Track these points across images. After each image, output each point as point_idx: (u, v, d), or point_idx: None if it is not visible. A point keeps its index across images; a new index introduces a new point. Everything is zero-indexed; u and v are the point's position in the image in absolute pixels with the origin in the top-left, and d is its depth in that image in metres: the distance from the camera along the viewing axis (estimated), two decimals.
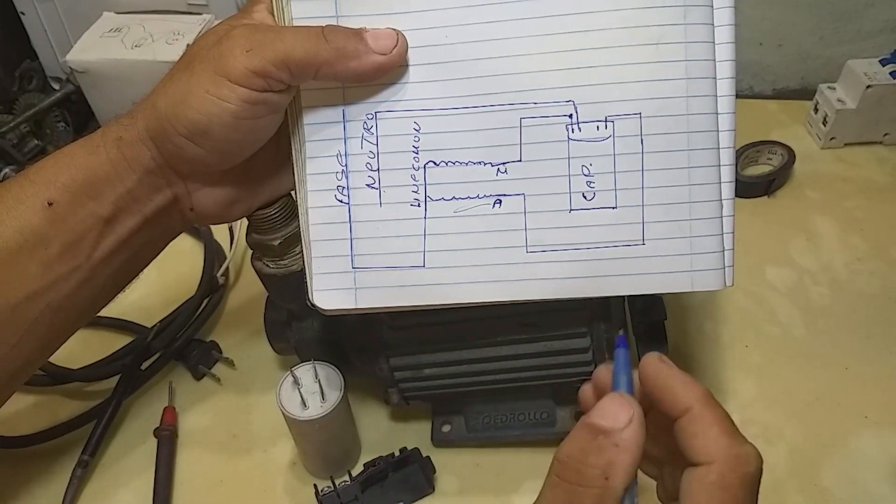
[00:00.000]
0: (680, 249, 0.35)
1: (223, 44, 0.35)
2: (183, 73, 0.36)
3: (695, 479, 0.28)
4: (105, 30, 0.70)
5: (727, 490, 0.27)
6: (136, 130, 0.37)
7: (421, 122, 0.36)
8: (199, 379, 0.56)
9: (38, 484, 0.50)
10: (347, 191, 0.37)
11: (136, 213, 0.38)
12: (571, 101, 0.35)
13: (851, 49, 0.76)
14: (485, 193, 0.36)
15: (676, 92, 0.34)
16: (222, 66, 0.34)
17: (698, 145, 0.35)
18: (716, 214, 0.35)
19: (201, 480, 0.50)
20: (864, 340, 0.55)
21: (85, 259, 0.38)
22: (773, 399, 0.52)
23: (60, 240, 0.37)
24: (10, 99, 0.74)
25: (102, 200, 0.37)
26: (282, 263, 0.43)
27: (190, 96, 0.35)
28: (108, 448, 0.52)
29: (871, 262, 0.61)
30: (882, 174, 0.68)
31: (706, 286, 0.36)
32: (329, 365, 0.46)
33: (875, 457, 0.49)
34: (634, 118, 0.35)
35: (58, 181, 0.37)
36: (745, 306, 0.58)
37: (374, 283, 0.37)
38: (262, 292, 0.47)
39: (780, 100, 0.78)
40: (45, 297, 0.37)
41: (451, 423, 0.50)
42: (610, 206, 0.35)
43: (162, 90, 0.36)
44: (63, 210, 0.36)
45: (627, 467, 0.27)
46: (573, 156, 0.35)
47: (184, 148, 0.36)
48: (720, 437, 0.28)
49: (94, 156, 0.37)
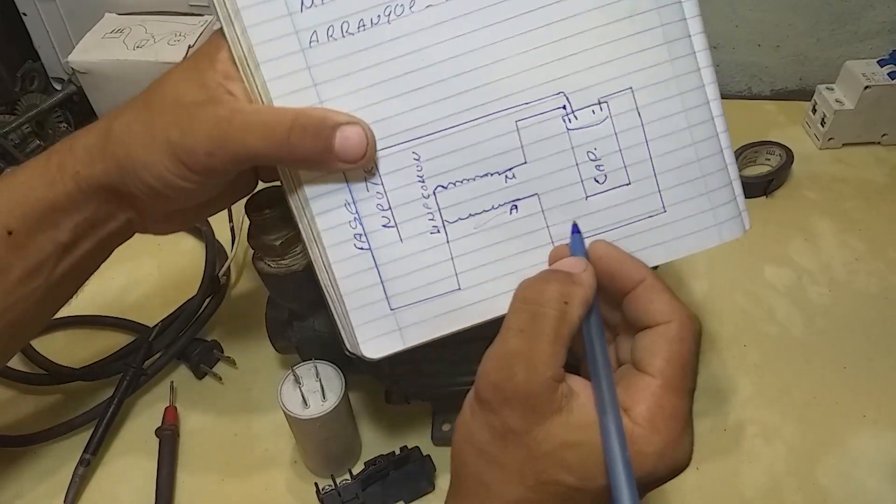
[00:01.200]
0: (701, 207, 0.36)
1: (186, 138, 0.34)
2: (141, 128, 0.36)
3: (657, 335, 0.31)
4: (107, 31, 0.70)
5: (684, 343, 0.31)
6: (95, 170, 0.37)
7: (419, 151, 0.36)
8: (200, 378, 0.56)
9: (41, 483, 0.50)
10: (365, 237, 0.36)
11: (93, 237, 0.40)
12: (561, 92, 0.35)
13: (849, 50, 0.76)
14: (499, 203, 0.36)
15: (660, 58, 0.35)
16: (184, 156, 0.35)
17: (692, 104, 0.35)
18: (723, 165, 0.36)
19: (203, 479, 0.50)
20: (862, 340, 0.56)
21: (43, 281, 0.39)
22: (771, 398, 0.52)
23: (20, 266, 0.38)
24: (13, 99, 0.74)
25: (61, 228, 0.38)
26: (283, 263, 0.43)
27: (151, 166, 0.35)
28: (110, 447, 0.52)
29: (870, 263, 0.61)
30: (880, 174, 0.69)
31: (732, 235, 0.37)
32: (330, 364, 0.46)
33: (873, 456, 0.49)
34: (626, 93, 0.35)
35: (16, 211, 0.38)
36: (743, 306, 0.59)
37: (416, 318, 0.37)
38: (264, 292, 0.47)
39: (778, 101, 0.78)
40: (4, 317, 0.39)
41: (452, 422, 0.50)
42: (624, 183, 0.36)
43: (121, 140, 0.37)
44: (23, 238, 0.38)
45: (584, 299, 0.31)
46: (576, 144, 0.35)
47: (139, 197, 0.37)
48: (673, 300, 0.32)
49: (51, 188, 0.38)
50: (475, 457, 0.31)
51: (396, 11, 0.34)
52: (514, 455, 0.30)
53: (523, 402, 0.29)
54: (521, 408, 0.29)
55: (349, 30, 0.34)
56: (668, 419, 0.30)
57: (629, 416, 0.30)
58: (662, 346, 0.31)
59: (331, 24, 0.34)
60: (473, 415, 0.31)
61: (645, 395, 0.30)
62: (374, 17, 0.34)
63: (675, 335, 0.31)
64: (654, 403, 0.30)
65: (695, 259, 0.62)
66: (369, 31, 0.34)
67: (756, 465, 0.49)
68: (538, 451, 0.29)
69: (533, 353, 0.30)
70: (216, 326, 0.59)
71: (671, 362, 0.30)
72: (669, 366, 0.30)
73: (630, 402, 0.30)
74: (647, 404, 0.30)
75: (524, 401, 0.29)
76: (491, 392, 0.30)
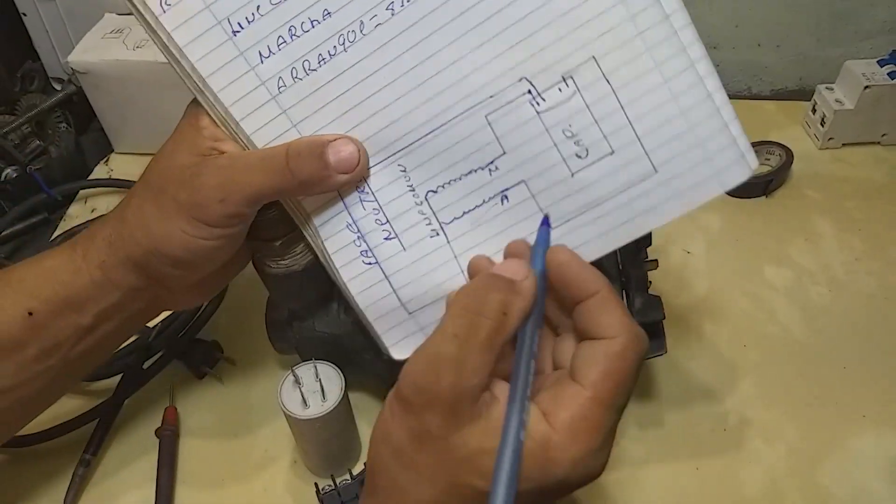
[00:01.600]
0: (695, 159, 0.35)
1: (195, 194, 0.36)
2: (153, 207, 0.37)
3: (600, 348, 0.31)
4: (107, 31, 0.70)
5: (625, 361, 0.31)
6: (119, 258, 0.39)
7: (403, 162, 0.37)
8: (200, 378, 0.56)
9: (41, 483, 0.50)
10: (371, 252, 0.38)
11: (116, 319, 0.41)
12: (523, 77, 0.35)
13: (849, 50, 0.76)
14: (489, 196, 0.37)
15: (618, 19, 0.34)
16: (198, 213, 0.36)
17: (664, 56, 0.34)
18: (712, 111, 0.34)
19: (203, 479, 0.50)
20: (862, 340, 0.56)
21: (60, 360, 0.40)
22: (771, 398, 0.52)
23: (37, 345, 0.39)
24: (12, 100, 0.74)
25: (85, 313, 0.39)
26: (283, 263, 0.43)
27: (171, 236, 0.37)
28: (111, 447, 0.52)
29: (870, 262, 0.61)
30: (880, 174, 0.69)
31: (736, 180, 0.35)
32: (330, 364, 0.46)
33: (873, 456, 0.49)
34: (590, 63, 0.34)
35: (40, 294, 0.39)
36: (743, 306, 0.59)
37: (435, 316, 0.38)
38: (264, 292, 0.47)
39: (778, 100, 0.78)
40: (16, 393, 0.40)
41: None
42: (607, 153, 0.35)
43: (137, 223, 0.38)
44: (43, 319, 0.39)
45: (522, 309, 0.31)
46: (549, 125, 0.35)
47: (168, 273, 0.39)
48: (624, 317, 0.31)
49: (77, 276, 0.39)
50: (390, 457, 0.31)
51: (349, 38, 0.35)
52: (429, 458, 0.30)
53: (446, 408, 0.29)
54: (443, 413, 0.29)
55: (311, 67, 0.36)
56: (589, 430, 0.30)
57: (549, 422, 0.30)
58: (602, 360, 0.30)
59: (292, 66, 0.36)
60: (393, 415, 0.31)
61: (571, 404, 0.30)
62: (330, 48, 0.35)
63: (617, 351, 0.31)
64: (578, 413, 0.30)
65: (695, 259, 0.62)
66: (329, 62, 0.36)
67: (756, 465, 0.49)
68: (454, 457, 0.29)
69: (463, 361, 0.29)
70: (216, 327, 0.59)
71: (607, 377, 0.30)
72: (604, 380, 0.30)
73: (554, 408, 0.30)
74: (571, 413, 0.30)
75: (447, 406, 0.29)
76: (414, 393, 0.30)
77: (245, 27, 0.35)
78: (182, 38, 0.35)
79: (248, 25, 0.35)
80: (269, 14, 0.35)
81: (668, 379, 0.54)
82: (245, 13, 0.35)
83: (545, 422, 0.30)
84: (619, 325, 0.31)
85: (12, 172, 0.68)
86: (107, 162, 0.76)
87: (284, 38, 0.35)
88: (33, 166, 0.70)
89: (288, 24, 0.35)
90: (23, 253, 0.68)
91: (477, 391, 0.29)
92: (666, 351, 0.45)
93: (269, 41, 0.35)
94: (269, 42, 0.35)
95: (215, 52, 0.36)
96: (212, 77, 0.36)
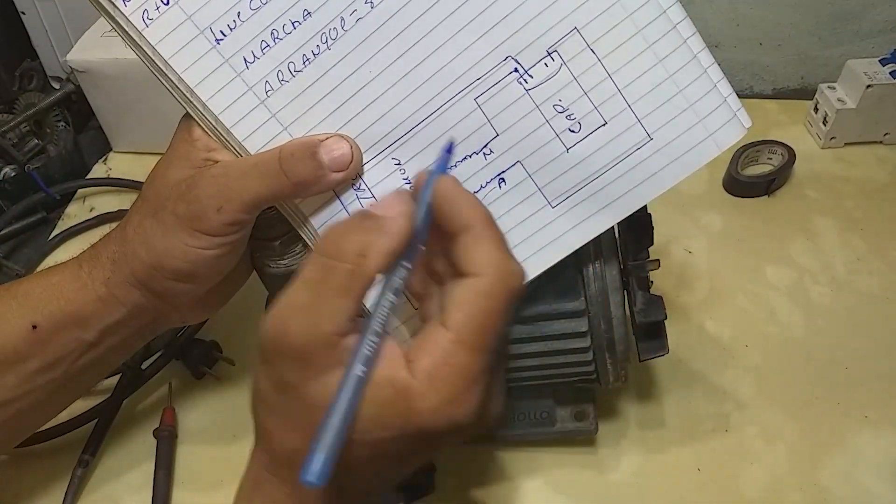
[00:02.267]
0: (688, 122, 0.35)
1: (193, 205, 0.36)
2: (153, 222, 0.38)
3: (465, 286, 0.29)
4: (105, 29, 0.70)
5: (492, 299, 0.29)
6: (124, 275, 0.39)
7: (397, 155, 0.37)
8: (199, 378, 0.56)
9: (39, 484, 0.50)
10: None
11: (120, 334, 0.41)
12: (508, 56, 0.35)
13: (851, 49, 0.76)
14: (486, 180, 0.37)
15: None
16: (197, 224, 0.36)
17: (645, 20, 0.34)
18: (700, 72, 0.35)
19: (202, 480, 0.50)
20: (863, 340, 0.55)
21: (62, 373, 0.40)
22: (772, 398, 0.52)
23: (40, 359, 0.39)
24: (11, 98, 0.74)
25: (89, 329, 0.40)
26: (282, 263, 0.43)
27: (172, 249, 0.37)
28: (109, 448, 0.52)
29: (871, 262, 0.61)
30: (882, 174, 0.69)
31: (730, 140, 0.35)
32: None
33: (874, 456, 0.49)
34: (573, 35, 0.34)
35: (45, 309, 0.39)
36: (744, 306, 0.58)
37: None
38: (263, 292, 0.47)
39: (779, 99, 0.78)
40: (17, 405, 0.40)
41: None
42: (600, 124, 0.35)
43: (139, 240, 0.38)
44: (47, 334, 0.39)
45: (385, 251, 0.29)
46: (539, 102, 0.35)
47: (173, 287, 0.39)
48: (494, 252, 0.29)
49: (82, 292, 0.39)
50: (260, 405, 0.31)
51: (332, 36, 0.35)
52: (291, 407, 0.29)
53: (298, 357, 0.28)
54: (296, 362, 0.28)
55: (296, 68, 0.36)
56: (451, 376, 0.28)
57: (410, 369, 0.28)
58: (467, 299, 0.29)
59: (278, 69, 0.36)
60: (257, 364, 0.30)
61: (432, 349, 0.28)
62: (313, 48, 0.36)
63: (483, 290, 0.29)
64: (439, 358, 0.28)
65: (696, 259, 0.62)
66: (314, 62, 0.36)
67: (757, 465, 0.49)
68: (314, 404, 0.28)
69: (315, 308, 0.28)
70: (215, 326, 0.59)
71: (472, 318, 0.28)
72: (468, 321, 0.28)
73: (416, 354, 0.29)
74: (432, 358, 0.28)
75: (299, 355, 0.28)
76: (269, 343, 0.29)
77: (228, 34, 0.35)
78: (166, 50, 0.35)
79: (230, 32, 0.35)
80: (251, 19, 0.35)
81: (669, 379, 0.54)
82: (227, 20, 0.35)
83: (406, 369, 0.28)
84: (488, 262, 0.29)
85: (10, 171, 0.68)
86: (105, 161, 0.76)
87: (267, 41, 0.35)
88: (31, 165, 0.69)
89: (269, 27, 0.35)
90: (21, 252, 0.68)
91: (332, 338, 0.28)
92: (668, 351, 0.44)
93: (253, 46, 0.35)
94: (253, 47, 0.35)
95: (200, 62, 0.36)
96: (199, 86, 0.36)
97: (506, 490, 0.48)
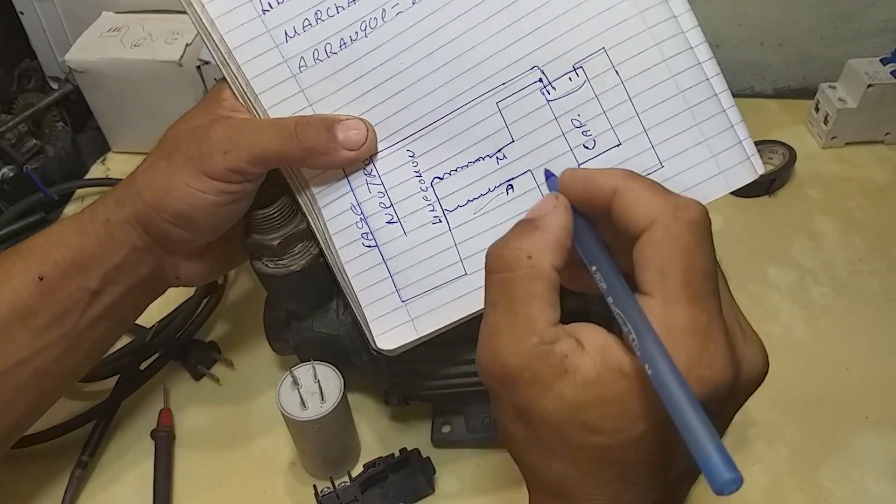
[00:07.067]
0: (701, 156, 0.35)
1: (202, 144, 0.37)
2: (164, 162, 0.39)
3: (641, 246, 0.26)
4: (104, 29, 0.69)
5: (676, 241, 0.26)
6: (124, 214, 0.40)
7: (413, 148, 0.38)
8: (198, 379, 0.56)
9: (38, 484, 0.50)
10: (371, 235, 0.39)
11: (122, 283, 0.41)
12: (535, 66, 0.35)
13: (852, 48, 0.76)
14: (494, 185, 0.37)
15: (629, 13, 0.34)
16: (202, 165, 0.37)
17: (672, 52, 0.34)
18: (719, 110, 0.35)
19: (201, 481, 0.50)
20: (865, 340, 0.55)
21: (71, 327, 0.40)
22: (773, 399, 0.52)
23: (49, 311, 0.40)
24: (9, 98, 0.73)
25: (91, 275, 0.40)
26: (281, 263, 0.43)
27: (173, 188, 0.38)
28: (108, 448, 0.52)
29: (872, 262, 0.61)
30: (883, 173, 0.68)
31: (741, 180, 0.35)
32: (328, 365, 0.46)
33: (875, 457, 0.49)
34: (600, 54, 0.35)
35: (49, 258, 0.40)
36: (745, 306, 0.57)
37: (426, 307, 0.38)
38: (262, 292, 0.47)
39: (780, 99, 0.78)
40: (33, 363, 0.40)
41: (451, 424, 0.50)
42: (614, 144, 0.35)
43: (145, 179, 0.39)
44: (52, 284, 0.39)
45: (549, 244, 0.28)
46: (559, 114, 0.36)
47: (169, 231, 0.39)
48: (650, 197, 0.27)
49: (83, 235, 0.40)
50: (513, 447, 0.30)
51: (371, 24, 0.37)
52: (538, 432, 0.28)
53: (517, 378, 0.27)
54: (518, 384, 0.27)
55: (332, 50, 0.38)
56: (680, 339, 0.25)
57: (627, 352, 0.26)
58: (650, 255, 0.26)
59: (315, 47, 0.38)
60: (491, 404, 0.29)
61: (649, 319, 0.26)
62: (352, 34, 0.37)
63: (660, 238, 0.26)
64: (659, 325, 0.25)
65: None
66: (350, 47, 0.37)
67: (758, 466, 0.49)
68: (556, 421, 0.27)
69: (511, 325, 0.27)
70: (214, 327, 0.59)
71: (665, 272, 0.26)
72: (663, 277, 0.26)
73: None
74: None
75: (518, 376, 0.27)
76: (490, 380, 0.28)
77: (275, 7, 0.37)
78: (215, 10, 0.37)
79: (277, 6, 0.37)
80: None
81: None
82: None
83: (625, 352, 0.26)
84: (648, 209, 0.26)
85: (9, 172, 0.68)
86: (104, 161, 0.76)
87: (310, 20, 0.37)
88: (30, 165, 0.69)
89: (315, 7, 0.37)
90: None
91: (541, 349, 0.26)
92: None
93: (296, 22, 0.37)
94: (296, 23, 0.37)
95: (244, 27, 0.37)
96: (238, 49, 0.38)
97: (506, 490, 0.48)
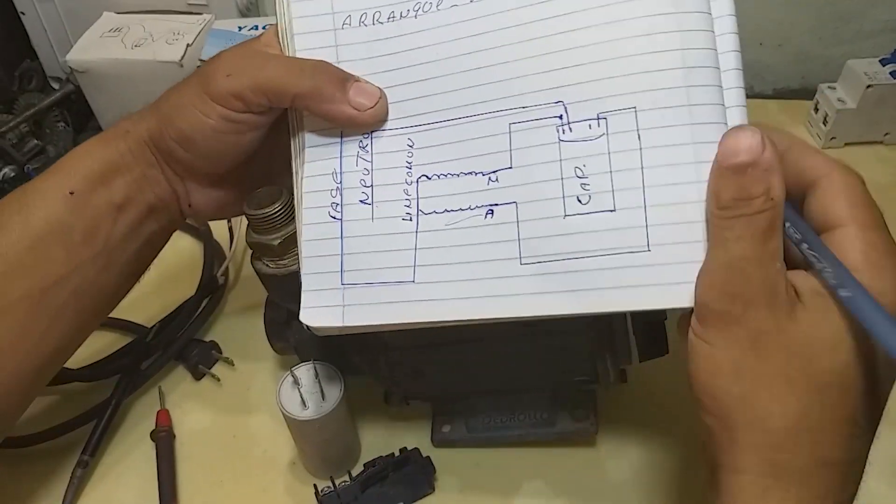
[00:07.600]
0: (691, 256, 0.30)
1: (210, 64, 0.39)
2: (184, 84, 0.40)
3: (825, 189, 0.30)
4: (105, 30, 0.70)
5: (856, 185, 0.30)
6: (140, 128, 0.41)
7: (414, 138, 0.37)
8: (198, 379, 0.56)
9: (38, 484, 0.50)
10: (341, 207, 0.37)
11: (141, 203, 0.42)
12: (561, 101, 0.33)
13: (851, 49, 0.76)
14: (476, 204, 0.35)
15: (674, 82, 0.31)
16: (206, 85, 0.38)
17: (704, 139, 0.31)
18: None
19: (201, 481, 0.50)
20: None
21: (102, 245, 0.41)
22: None
23: (81, 226, 0.40)
24: (10, 99, 0.74)
25: (114, 188, 0.41)
26: (281, 263, 0.43)
27: (181, 107, 0.39)
28: (108, 448, 0.52)
29: None
30: (883, 174, 0.68)
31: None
32: (329, 365, 0.46)
33: (876, 457, 0.49)
34: (629, 113, 0.32)
35: (78, 172, 0.40)
36: None
37: (361, 299, 0.36)
38: (262, 292, 0.47)
39: (780, 99, 0.78)
40: (70, 282, 0.40)
41: (451, 424, 0.50)
42: (608, 209, 0.32)
43: (166, 95, 0.41)
44: (83, 198, 0.40)
45: (780, 182, 0.28)
46: (565, 157, 0.33)
47: (174, 150, 0.40)
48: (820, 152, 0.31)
49: (107, 147, 0.41)
50: (732, 383, 0.29)
51: (425, 8, 0.37)
52: (774, 360, 0.28)
53: (767, 300, 0.28)
54: (766, 306, 0.28)
55: (379, 19, 0.37)
56: (883, 255, 0.28)
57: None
58: (837, 194, 0.29)
59: (365, 11, 0.38)
60: (710, 342, 0.29)
61: (849, 246, 0.28)
62: (404, 10, 0.37)
63: (842, 181, 0.30)
64: (863, 247, 0.28)
65: None
66: (397, 22, 0.37)
67: None
68: (797, 347, 0.28)
69: (760, 253, 0.28)
70: (214, 327, 0.59)
71: (854, 204, 0.29)
72: (854, 207, 0.29)
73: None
74: (856, 251, 0.28)
75: (768, 298, 0.28)
76: (729, 302, 0.28)
77: None
78: None
79: None
80: None
81: (671, 380, 0.53)
82: None
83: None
84: (823, 161, 0.30)
85: (10, 172, 0.68)
86: None
87: None
88: (31, 166, 0.69)
89: None
90: None
91: (783, 277, 0.28)
92: (668, 351, 0.44)
93: None
94: None
95: None
96: None
97: (506, 490, 0.48)
